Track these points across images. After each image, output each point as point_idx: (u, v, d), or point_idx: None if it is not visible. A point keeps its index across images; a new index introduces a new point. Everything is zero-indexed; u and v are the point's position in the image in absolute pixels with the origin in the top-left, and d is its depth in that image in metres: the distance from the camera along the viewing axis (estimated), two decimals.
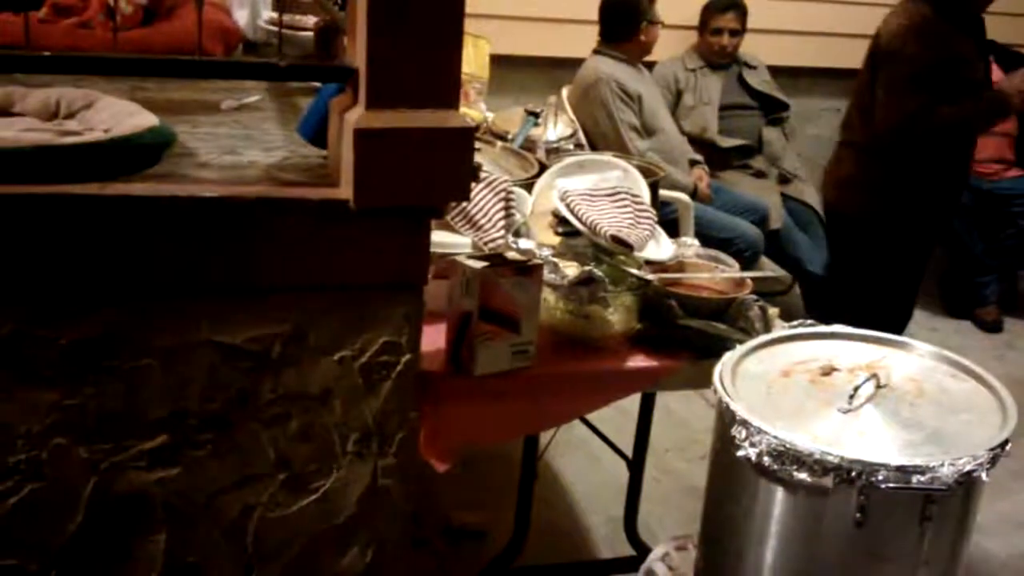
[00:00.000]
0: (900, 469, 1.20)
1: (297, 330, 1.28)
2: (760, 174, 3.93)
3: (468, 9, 1.32)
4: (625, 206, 1.87)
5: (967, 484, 1.22)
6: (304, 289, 1.29)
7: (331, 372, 1.31)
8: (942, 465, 1.20)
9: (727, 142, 3.91)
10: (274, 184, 1.31)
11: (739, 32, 3.98)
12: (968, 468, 1.20)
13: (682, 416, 2.83)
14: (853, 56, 4.50)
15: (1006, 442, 1.27)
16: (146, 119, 1.29)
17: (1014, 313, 4.10)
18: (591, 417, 2.28)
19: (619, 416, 2.25)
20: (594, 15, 3.63)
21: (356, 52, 1.29)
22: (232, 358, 1.27)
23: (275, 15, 2.11)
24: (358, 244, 1.28)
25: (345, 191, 1.27)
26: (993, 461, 1.24)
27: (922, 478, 1.19)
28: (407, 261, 1.32)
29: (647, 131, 3.44)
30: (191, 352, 1.26)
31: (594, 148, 3.29)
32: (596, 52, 3.53)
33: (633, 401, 2.01)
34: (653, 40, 3.52)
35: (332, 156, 1.37)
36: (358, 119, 1.24)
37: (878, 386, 1.40)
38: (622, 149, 3.22)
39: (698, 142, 3.83)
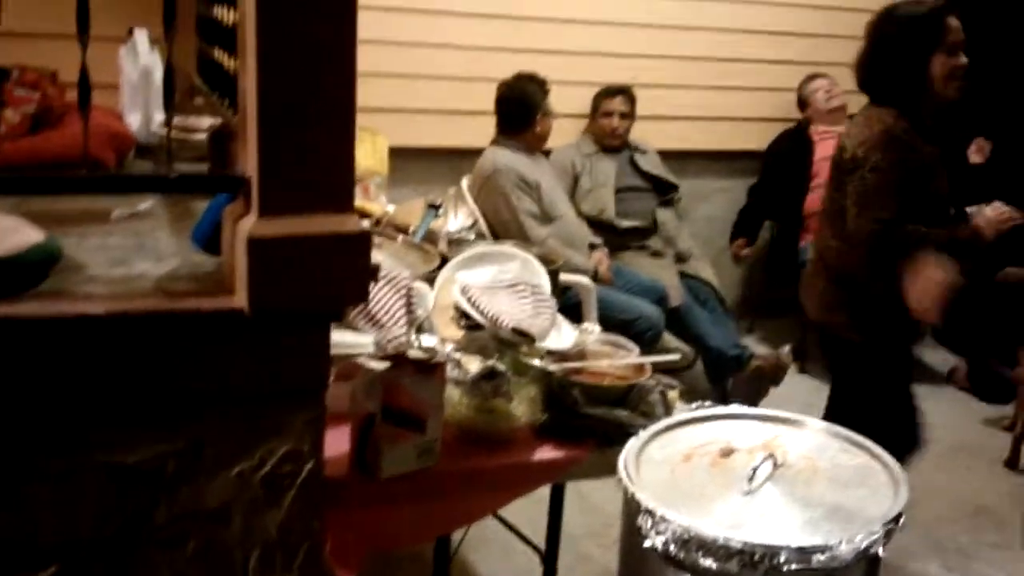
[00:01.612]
0: (800, 550, 1.22)
1: (192, 446, 1.25)
2: (657, 254, 4.05)
3: (365, 103, 1.34)
4: (525, 297, 1.90)
5: (865, 560, 1.26)
6: (199, 402, 1.26)
7: (230, 487, 1.27)
8: (840, 543, 1.23)
9: (624, 223, 4.02)
10: (166, 296, 1.29)
11: (628, 116, 4.15)
12: (865, 544, 1.24)
13: (595, 501, 2.83)
14: (739, 139, 4.75)
15: (899, 515, 1.31)
16: (29, 236, 1.26)
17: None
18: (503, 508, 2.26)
19: (532, 505, 2.24)
20: (490, 106, 3.73)
21: (248, 159, 1.30)
22: (125, 479, 1.23)
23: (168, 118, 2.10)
24: (254, 353, 1.27)
25: (240, 299, 1.26)
26: (888, 535, 1.28)
27: (822, 557, 1.22)
28: (306, 367, 1.31)
29: (546, 218, 3.52)
30: (82, 475, 1.22)
31: (496, 237, 3.34)
32: (494, 143, 3.62)
33: (545, 488, 2.01)
34: (547, 130, 3.63)
35: (226, 264, 1.36)
36: (251, 227, 1.24)
37: (775, 465, 1.44)
38: (522, 237, 3.28)
39: (597, 224, 3.94)
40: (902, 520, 1.31)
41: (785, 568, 1.22)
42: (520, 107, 3.55)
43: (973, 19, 2.35)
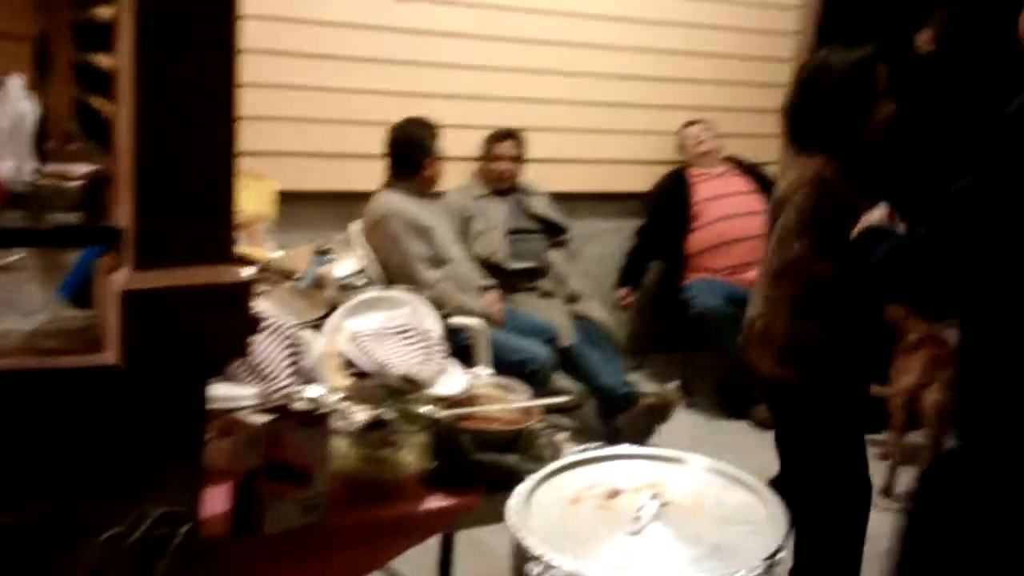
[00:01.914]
0: None
1: (60, 511, 1.19)
2: (548, 295, 4.10)
3: (252, 147, 1.32)
4: (414, 343, 1.90)
5: None
6: (69, 464, 1.20)
7: (99, 554, 1.21)
8: None
9: (516, 265, 4.06)
10: (33, 353, 1.23)
11: (518, 159, 4.21)
12: None
13: (489, 547, 2.81)
14: (625, 181, 4.88)
15: (779, 549, 1.35)
16: None
17: None
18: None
19: (422, 554, 2.22)
20: (380, 149, 3.73)
21: (123, 208, 1.26)
22: None
23: (42, 165, 2.02)
24: (128, 411, 1.22)
25: (113, 356, 1.21)
26: (769, 570, 1.32)
27: None
28: (183, 424, 1.27)
29: (438, 261, 3.53)
30: None
31: (387, 282, 3.32)
32: (385, 187, 3.61)
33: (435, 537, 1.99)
34: (438, 174, 3.66)
35: (99, 318, 1.31)
36: (125, 280, 1.20)
37: (661, 505, 1.46)
38: (414, 281, 3.28)
39: (488, 266, 3.96)
40: (781, 554, 1.35)
41: None
42: (410, 151, 3.56)
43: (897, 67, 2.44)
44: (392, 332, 1.90)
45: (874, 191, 2.38)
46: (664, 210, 4.61)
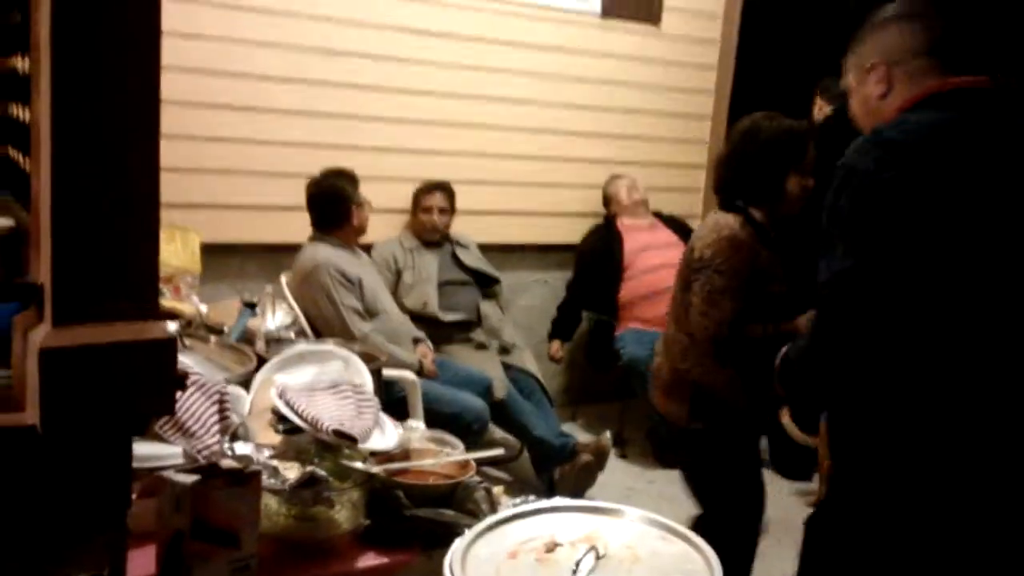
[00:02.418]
0: None
1: None
2: (481, 346, 4.10)
3: (175, 199, 1.30)
4: (347, 397, 1.86)
5: None
6: None
7: None
8: None
9: (448, 316, 4.05)
10: None
11: (448, 211, 4.23)
12: None
13: None
14: (555, 233, 4.93)
15: None
16: None
17: None
18: None
19: None
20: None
21: (41, 264, 1.22)
22: None
23: None
24: (46, 474, 1.17)
25: (31, 416, 1.16)
26: None
27: None
28: (106, 485, 1.21)
29: (369, 313, 3.49)
30: None
31: (317, 334, 3.28)
32: (312, 239, 3.58)
33: None
34: (364, 221, 3.63)
35: (16, 377, 1.26)
36: (43, 338, 1.16)
37: (598, 557, 1.46)
38: (346, 333, 3.24)
39: (421, 318, 3.95)
40: None
41: None
42: (333, 203, 3.54)
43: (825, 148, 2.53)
44: (323, 387, 1.86)
45: (793, 256, 2.51)
46: (595, 261, 4.67)
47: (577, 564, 1.42)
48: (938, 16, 1.68)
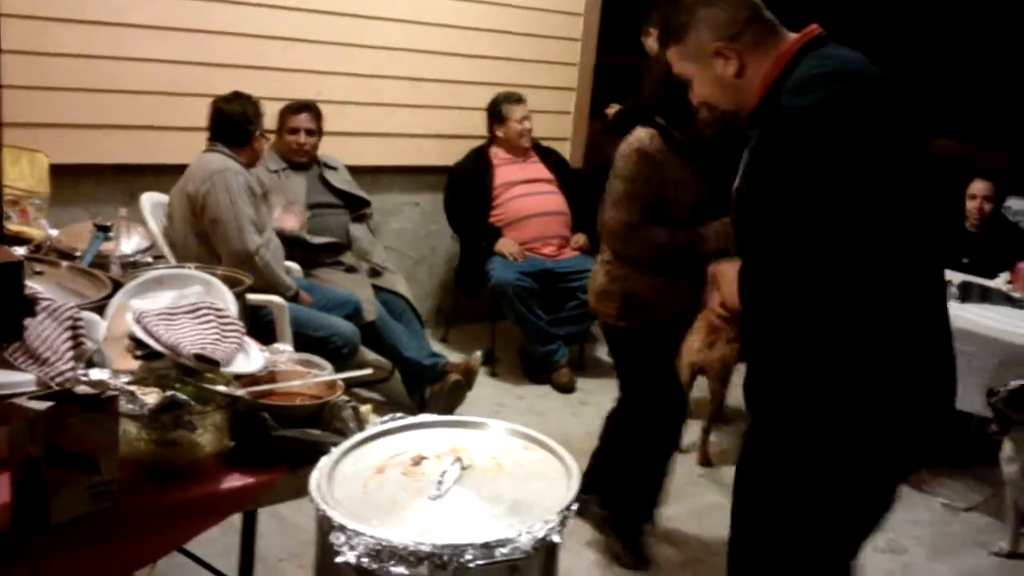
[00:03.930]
0: (485, 546, 1.29)
1: None
2: (351, 269, 4.07)
3: (21, 118, 1.23)
4: (208, 321, 1.83)
5: (543, 547, 1.35)
6: None
7: None
8: (520, 535, 1.31)
9: (317, 240, 4.00)
10: None
11: (315, 132, 4.13)
12: (542, 533, 1.33)
13: (294, 522, 2.79)
14: (425, 155, 4.90)
15: (572, 503, 1.43)
16: None
17: (583, 373, 4.63)
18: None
19: (225, 535, 2.17)
20: (170, 121, 3.56)
21: None
22: None
23: None
24: None
25: None
26: (563, 522, 1.39)
27: (504, 550, 1.30)
28: None
29: (260, 230, 3.43)
30: None
31: (187, 257, 3.18)
32: (213, 150, 3.44)
33: (237, 516, 1.95)
34: (262, 150, 3.58)
35: None
36: None
37: (462, 468, 1.51)
38: (239, 239, 3.20)
39: (289, 241, 3.89)
40: (575, 507, 1.42)
41: (472, 565, 1.28)
42: (241, 123, 3.45)
43: None
44: (183, 311, 1.82)
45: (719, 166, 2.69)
46: (465, 186, 4.67)
47: (443, 475, 1.47)
48: None
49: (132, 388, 1.56)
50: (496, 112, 4.71)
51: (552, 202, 4.73)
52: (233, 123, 3.45)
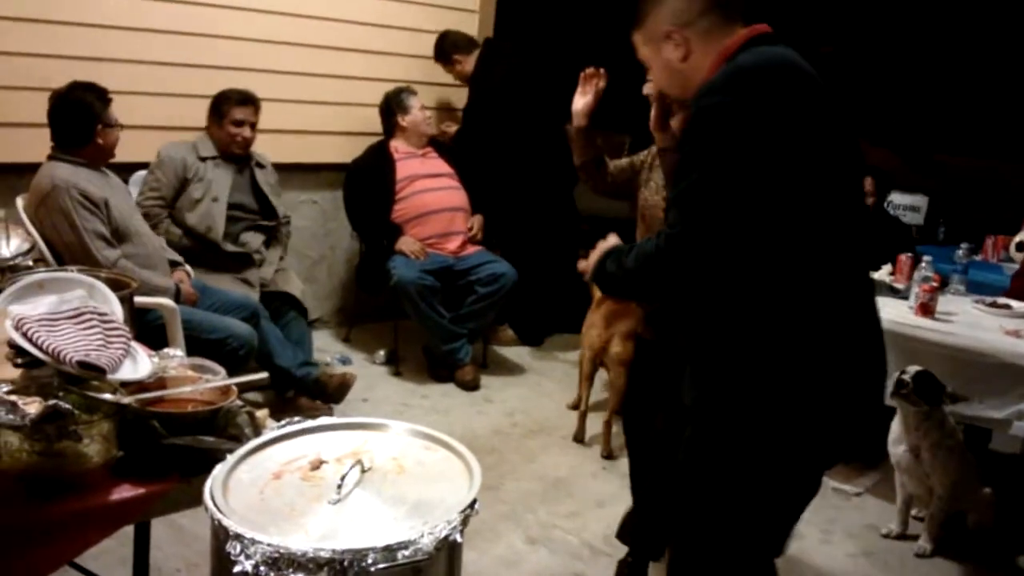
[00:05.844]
0: (387, 548, 1.28)
1: None
2: (247, 283, 3.92)
3: None
4: (93, 327, 1.76)
5: (446, 547, 1.35)
6: None
7: None
8: (422, 536, 1.30)
9: (230, 248, 3.85)
10: None
11: (255, 126, 3.99)
12: (444, 533, 1.33)
13: (192, 530, 2.70)
14: (321, 152, 4.82)
15: (474, 502, 1.42)
16: None
17: (487, 371, 4.64)
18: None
19: (121, 545, 2.09)
20: (44, 116, 3.38)
21: None
22: None
23: None
24: None
25: None
26: (465, 521, 1.38)
27: (406, 552, 1.29)
28: None
29: (119, 238, 3.22)
30: None
31: (60, 262, 3.03)
32: (52, 157, 3.25)
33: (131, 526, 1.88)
34: (112, 143, 3.26)
35: None
36: None
37: (363, 471, 1.49)
38: (90, 260, 3.01)
39: (199, 238, 3.75)
40: (476, 506, 1.42)
41: (373, 569, 1.26)
42: (77, 119, 3.19)
43: None
44: (65, 316, 1.74)
45: None
46: (366, 183, 4.60)
47: (342, 479, 1.44)
48: None
49: (13, 398, 1.48)
50: (398, 103, 4.67)
51: (455, 198, 4.71)
52: (69, 120, 3.20)
